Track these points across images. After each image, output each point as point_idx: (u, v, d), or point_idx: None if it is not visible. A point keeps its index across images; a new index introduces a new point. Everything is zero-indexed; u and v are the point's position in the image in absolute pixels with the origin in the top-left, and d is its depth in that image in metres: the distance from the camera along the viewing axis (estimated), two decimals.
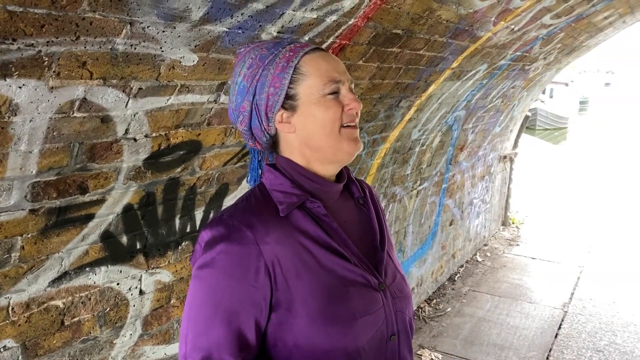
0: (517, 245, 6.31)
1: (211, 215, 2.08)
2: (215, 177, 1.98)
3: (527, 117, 6.63)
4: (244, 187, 2.18)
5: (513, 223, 7.08)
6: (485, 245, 6.21)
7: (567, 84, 30.98)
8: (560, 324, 4.27)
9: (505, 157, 6.52)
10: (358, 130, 1.03)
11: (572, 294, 4.87)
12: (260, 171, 1.12)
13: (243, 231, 0.92)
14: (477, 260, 5.71)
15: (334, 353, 0.95)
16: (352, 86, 1.02)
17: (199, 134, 1.74)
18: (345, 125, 1.00)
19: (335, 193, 1.07)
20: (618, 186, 9.79)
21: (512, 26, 3.13)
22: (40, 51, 1.08)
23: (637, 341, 3.98)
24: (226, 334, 0.91)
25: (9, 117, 1.15)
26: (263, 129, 1.01)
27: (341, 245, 1.00)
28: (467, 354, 3.78)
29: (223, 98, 1.69)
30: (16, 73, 1.09)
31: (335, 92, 0.99)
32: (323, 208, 1.01)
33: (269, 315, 0.94)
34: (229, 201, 2.14)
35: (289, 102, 0.98)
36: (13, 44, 1.03)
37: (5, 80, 1.08)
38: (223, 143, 1.88)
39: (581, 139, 21.50)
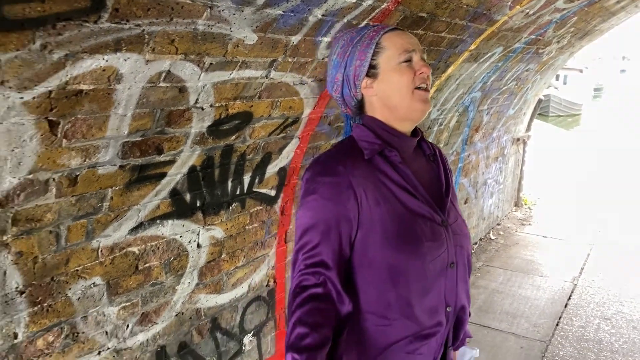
0: (529, 224, 6.52)
1: (256, 180, 2.34)
2: (261, 146, 2.24)
3: (540, 100, 6.80)
4: (284, 157, 2.44)
5: (525, 204, 7.28)
6: (498, 224, 6.43)
7: (581, 71, 30.76)
8: (570, 295, 4.50)
9: (518, 139, 6.71)
10: (429, 93, 1.27)
11: (582, 269, 5.09)
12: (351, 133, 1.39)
13: (337, 167, 1.20)
14: (490, 239, 5.93)
15: (402, 267, 1.22)
16: (425, 56, 1.27)
17: (251, 106, 1.99)
18: (417, 87, 1.25)
19: (410, 146, 1.33)
20: (629, 170, 9.91)
21: (527, 10, 3.32)
22: (143, 30, 1.34)
23: None
24: (329, 242, 1.19)
25: (114, 85, 1.41)
26: (352, 95, 1.28)
27: (411, 186, 1.25)
28: (481, 321, 4.03)
29: (273, 74, 1.94)
30: (124, 48, 1.34)
31: (409, 61, 1.24)
32: (399, 157, 1.26)
33: (357, 231, 1.21)
34: (271, 169, 2.40)
35: (371, 70, 1.25)
36: (126, 24, 1.28)
37: (116, 54, 1.34)
38: (269, 115, 2.13)
39: (594, 125, 21.47)
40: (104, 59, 1.32)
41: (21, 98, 1.23)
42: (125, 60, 1.37)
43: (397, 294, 1.23)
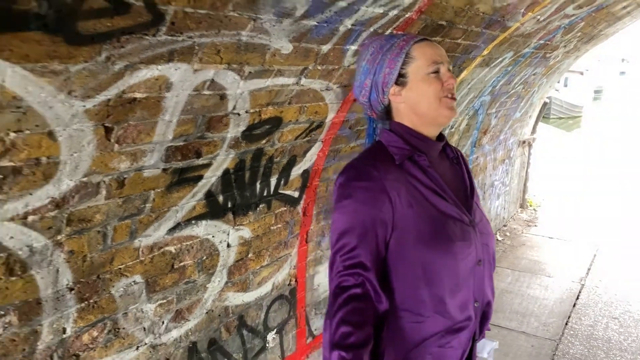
0: (535, 226, 6.60)
1: (282, 182, 2.42)
2: (287, 150, 2.32)
3: (545, 103, 6.89)
4: (307, 160, 2.52)
5: (530, 206, 7.36)
6: (504, 225, 6.51)
7: (582, 73, 30.87)
8: (578, 295, 4.58)
9: (524, 141, 6.79)
10: (455, 101, 1.34)
11: (589, 269, 5.18)
12: (374, 135, 1.45)
13: (371, 172, 1.26)
14: (497, 239, 6.01)
15: (436, 266, 1.28)
16: (450, 67, 1.34)
17: (282, 111, 2.08)
18: (444, 96, 1.31)
19: (436, 150, 1.39)
20: (631, 171, 10.00)
21: (539, 17, 3.41)
22: (194, 41, 1.42)
23: None
24: (366, 245, 1.24)
25: (164, 93, 1.50)
26: (379, 100, 1.34)
27: (440, 189, 1.32)
28: (492, 320, 4.10)
29: (303, 81, 2.03)
30: (176, 58, 1.43)
31: (437, 72, 1.30)
32: (427, 161, 1.33)
33: (391, 233, 1.27)
34: (295, 171, 2.48)
35: (400, 79, 1.30)
36: (180, 36, 1.37)
37: (168, 64, 1.42)
38: (297, 120, 2.22)
39: (595, 127, 21.58)
40: (157, 68, 1.41)
41: (84, 106, 1.32)
42: (176, 69, 1.46)
43: (431, 292, 1.30)
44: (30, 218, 1.41)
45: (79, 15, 1.11)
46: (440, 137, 1.41)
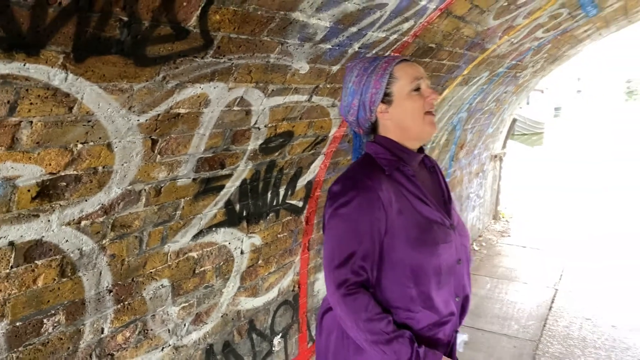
0: (509, 236, 6.92)
1: (289, 192, 2.59)
2: (295, 162, 2.50)
3: (514, 120, 7.28)
4: (311, 171, 2.70)
5: (503, 217, 7.70)
6: (480, 236, 6.81)
7: (542, 91, 32.22)
8: (553, 299, 4.86)
9: (495, 156, 7.15)
10: (435, 116, 1.52)
11: (561, 275, 5.49)
12: (361, 150, 1.61)
13: (366, 182, 1.40)
14: (474, 249, 6.29)
15: (423, 267, 1.43)
16: (429, 82, 1.50)
17: (294, 126, 2.26)
18: (426, 112, 1.48)
19: (417, 161, 1.55)
20: (593, 182, 10.55)
21: (513, 39, 3.72)
22: (233, 63, 1.60)
23: (621, 310, 4.59)
24: (363, 249, 1.38)
25: (202, 109, 1.66)
26: (367, 118, 1.49)
27: (424, 196, 1.47)
28: (475, 324, 4.33)
29: (314, 98, 2.22)
30: (216, 78, 1.60)
31: (418, 89, 1.46)
32: (412, 171, 1.48)
33: (384, 238, 1.40)
34: (301, 182, 2.65)
35: (386, 98, 1.46)
36: (222, 59, 1.54)
37: (209, 83, 1.59)
38: (305, 134, 2.40)
39: (556, 142, 22.54)
40: (200, 87, 1.57)
41: (138, 120, 1.47)
42: (214, 88, 1.63)
43: (419, 290, 1.44)
44: (83, 223, 1.54)
45: (149, 40, 1.27)
46: (420, 149, 1.56)
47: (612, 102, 52.63)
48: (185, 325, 2.15)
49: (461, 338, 1.64)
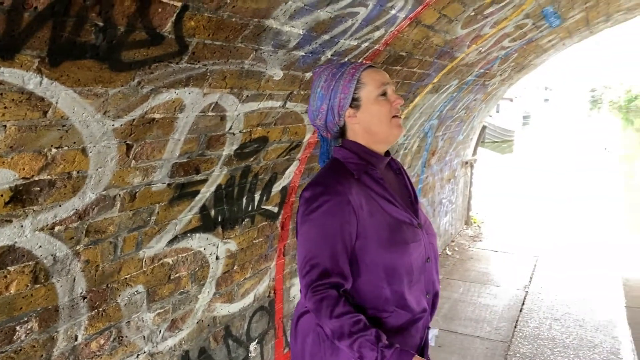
0: (480, 241, 7.07)
1: (264, 198, 2.61)
2: (270, 167, 2.53)
3: (484, 127, 7.46)
4: (286, 177, 2.73)
5: (474, 222, 7.86)
6: (452, 241, 6.93)
7: (511, 100, 33.02)
8: (524, 301, 4.98)
9: (466, 162, 7.30)
10: (402, 119, 1.57)
11: (531, 278, 5.63)
12: (328, 154, 1.63)
13: (336, 186, 1.42)
14: (447, 254, 6.40)
15: (395, 267, 1.47)
16: (394, 88, 1.55)
17: (268, 132, 2.29)
18: (393, 116, 1.53)
19: (384, 164, 1.59)
20: (561, 187, 10.88)
21: (481, 48, 3.84)
22: (207, 69, 1.62)
23: (588, 311, 4.74)
24: (334, 252, 1.40)
25: (177, 114, 1.68)
26: (336, 122, 1.52)
27: (392, 197, 1.51)
28: (449, 327, 4.40)
29: (288, 104, 2.25)
30: (191, 83, 1.62)
31: (384, 94, 1.50)
32: (380, 173, 1.52)
33: (355, 240, 1.43)
34: (276, 187, 2.68)
35: (354, 102, 1.49)
36: (197, 64, 1.57)
37: (184, 88, 1.61)
38: (280, 139, 2.43)
39: (526, 149, 23.16)
40: (175, 92, 1.59)
41: (113, 125, 1.48)
42: (189, 93, 1.65)
43: (392, 289, 1.48)
44: (57, 228, 1.53)
45: (125, 45, 1.29)
46: (387, 152, 1.60)
47: (577, 111, 54.36)
48: (160, 331, 2.14)
49: (432, 333, 1.68)
